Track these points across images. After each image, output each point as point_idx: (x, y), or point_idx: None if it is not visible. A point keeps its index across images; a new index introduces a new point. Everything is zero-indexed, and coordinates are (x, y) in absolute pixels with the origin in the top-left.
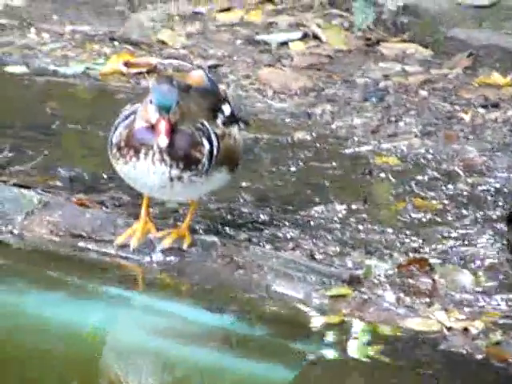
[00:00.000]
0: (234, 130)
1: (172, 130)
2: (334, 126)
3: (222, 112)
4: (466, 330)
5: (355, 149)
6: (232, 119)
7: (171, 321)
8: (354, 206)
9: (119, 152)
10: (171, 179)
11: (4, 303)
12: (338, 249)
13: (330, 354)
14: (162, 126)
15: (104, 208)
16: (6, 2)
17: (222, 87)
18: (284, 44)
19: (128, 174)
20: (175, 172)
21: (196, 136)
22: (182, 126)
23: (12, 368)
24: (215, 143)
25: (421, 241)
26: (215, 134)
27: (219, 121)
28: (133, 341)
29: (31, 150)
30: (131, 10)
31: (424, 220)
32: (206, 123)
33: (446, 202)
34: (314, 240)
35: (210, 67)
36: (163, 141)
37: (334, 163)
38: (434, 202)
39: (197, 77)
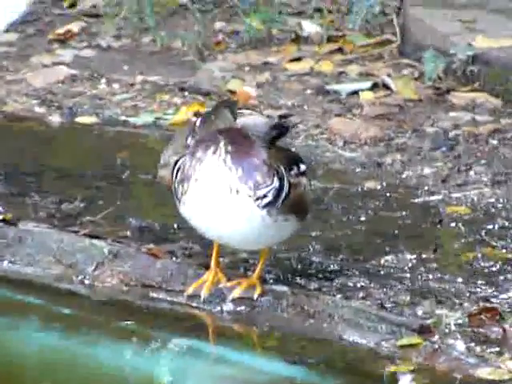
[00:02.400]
0: (304, 180)
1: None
2: (404, 176)
3: (298, 167)
4: None
5: (425, 198)
6: (304, 173)
7: (242, 371)
8: (424, 256)
9: (183, 181)
10: (230, 190)
11: (75, 354)
12: (408, 298)
13: None
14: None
15: (174, 258)
16: (76, 53)
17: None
18: (354, 93)
19: (197, 192)
20: (233, 179)
21: (269, 162)
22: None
23: None
24: (286, 186)
25: (491, 290)
26: (288, 180)
27: (293, 172)
28: None
29: (102, 200)
30: (201, 61)
31: (494, 269)
32: (281, 167)
33: None
34: (384, 289)
35: (280, 117)
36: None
37: (404, 212)
38: (504, 251)
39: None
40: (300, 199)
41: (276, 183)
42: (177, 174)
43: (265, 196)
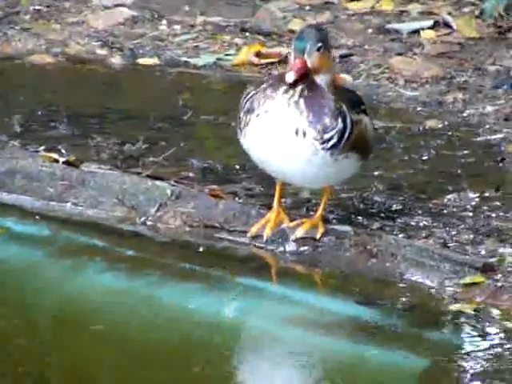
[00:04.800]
0: (366, 118)
1: (306, 73)
2: (465, 114)
3: (360, 106)
4: None
5: (487, 137)
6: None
7: (305, 310)
8: (486, 194)
9: (249, 113)
10: (296, 132)
11: (139, 295)
12: (471, 237)
13: (464, 342)
14: (295, 64)
15: (237, 199)
16: None
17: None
18: (415, 32)
19: (257, 129)
20: (302, 122)
21: (335, 103)
22: (325, 85)
23: (152, 357)
24: (349, 126)
25: None
26: (351, 119)
27: (355, 110)
28: (267, 330)
29: (164, 141)
30: (262, 1)
31: None
32: (344, 106)
33: None
34: (447, 228)
35: (341, 56)
36: (290, 76)
37: (465, 151)
38: None
39: (343, 79)
40: (361, 137)
41: (340, 124)
42: (245, 104)
43: (330, 139)
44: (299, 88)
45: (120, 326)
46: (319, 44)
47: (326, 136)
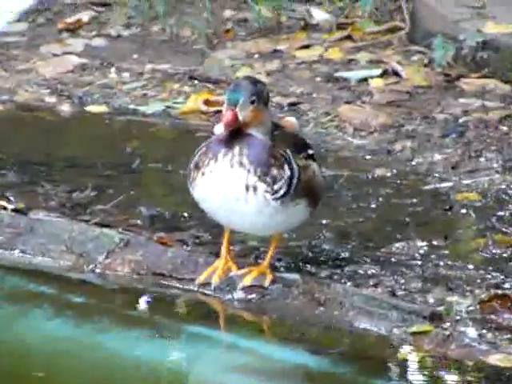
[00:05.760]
0: (313, 164)
1: (236, 126)
2: (414, 163)
3: (306, 151)
4: None
5: (436, 185)
6: (313, 158)
7: (253, 358)
8: (434, 243)
9: (196, 169)
10: (247, 188)
11: (86, 342)
12: (419, 285)
13: None
14: (225, 116)
15: (185, 246)
16: (85, 42)
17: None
18: (364, 81)
19: (205, 186)
20: (252, 179)
21: (277, 151)
22: (262, 135)
23: None
24: (296, 172)
25: (502, 276)
26: (297, 164)
27: (301, 155)
28: (214, 379)
29: (112, 189)
30: (211, 49)
31: (505, 256)
32: (288, 151)
33: None
34: (395, 276)
35: (289, 105)
36: (219, 128)
37: (414, 200)
38: None
39: (290, 122)
40: (310, 182)
41: (288, 171)
42: (194, 157)
43: (280, 188)
44: (237, 149)
45: (63, 373)
46: (253, 97)
47: (276, 186)
